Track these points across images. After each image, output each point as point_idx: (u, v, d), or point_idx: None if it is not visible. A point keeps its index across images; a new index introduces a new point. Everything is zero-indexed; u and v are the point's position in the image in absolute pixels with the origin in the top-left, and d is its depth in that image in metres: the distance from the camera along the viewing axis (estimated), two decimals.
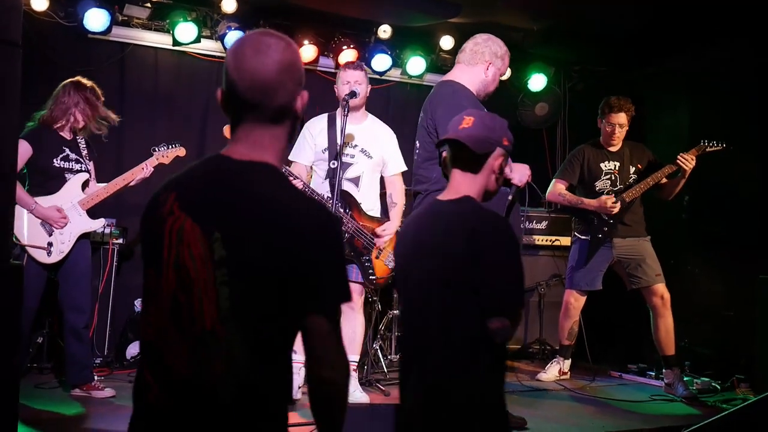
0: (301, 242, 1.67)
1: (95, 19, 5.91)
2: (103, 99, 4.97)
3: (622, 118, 5.71)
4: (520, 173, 3.58)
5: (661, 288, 5.57)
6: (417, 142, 4.35)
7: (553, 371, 6.03)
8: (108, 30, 6.04)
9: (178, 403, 1.69)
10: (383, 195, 5.20)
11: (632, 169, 5.78)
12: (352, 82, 4.84)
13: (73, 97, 4.80)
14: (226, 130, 4.63)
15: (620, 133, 5.74)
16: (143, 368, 1.78)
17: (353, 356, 4.83)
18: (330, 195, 4.68)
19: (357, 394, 4.79)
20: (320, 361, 1.72)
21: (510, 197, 3.52)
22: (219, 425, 1.67)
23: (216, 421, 1.67)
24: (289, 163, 4.97)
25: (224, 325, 1.66)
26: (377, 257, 4.93)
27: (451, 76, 4.40)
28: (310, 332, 1.72)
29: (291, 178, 4.23)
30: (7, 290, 2.64)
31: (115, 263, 5.82)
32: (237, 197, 1.70)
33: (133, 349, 5.77)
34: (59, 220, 4.71)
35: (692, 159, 5.48)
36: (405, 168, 5.21)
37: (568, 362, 6.09)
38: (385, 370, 5.76)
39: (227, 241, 1.66)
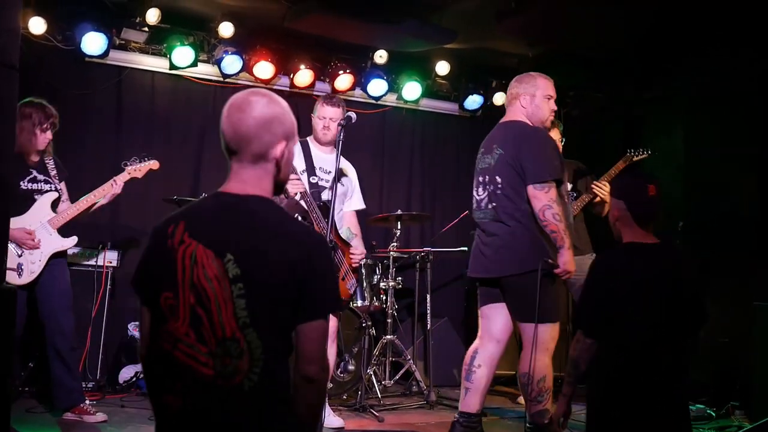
0: (307, 257, 2.03)
1: (93, 43, 5.94)
2: (56, 115, 4.81)
3: (556, 134, 5.43)
4: None
5: None
6: (498, 177, 4.34)
7: None
8: (105, 54, 6.07)
9: (203, 402, 1.97)
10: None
11: (569, 186, 5.37)
12: (327, 118, 4.83)
13: (20, 122, 4.62)
14: None
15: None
16: (161, 378, 2.04)
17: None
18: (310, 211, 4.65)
19: (330, 420, 4.75)
20: (310, 361, 2.04)
21: None
22: (243, 412, 1.97)
23: (241, 410, 1.96)
24: None
25: (243, 332, 1.98)
26: (342, 279, 4.89)
27: (511, 116, 4.50)
28: (304, 335, 2.04)
29: (294, 176, 4.41)
30: (1, 313, 2.62)
31: (108, 286, 5.80)
32: (242, 224, 2.05)
33: (126, 374, 5.73)
34: (28, 242, 4.66)
35: (605, 185, 5.35)
36: (363, 206, 5.24)
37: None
38: (379, 395, 5.73)
39: (239, 260, 1.99)
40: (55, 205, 4.86)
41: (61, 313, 4.79)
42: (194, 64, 6.34)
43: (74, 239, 4.90)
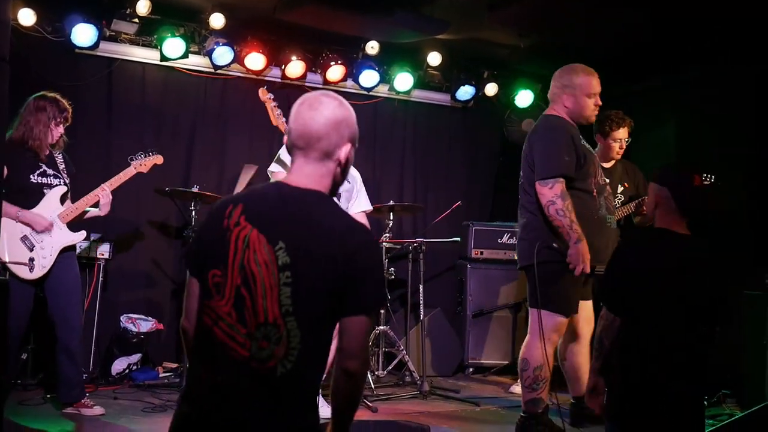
0: (351, 254, 2.08)
1: (83, 35, 5.92)
2: (70, 110, 4.86)
3: (624, 132, 5.46)
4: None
5: None
6: (521, 171, 4.50)
7: None
8: (95, 45, 6.04)
9: (234, 380, 2.02)
10: None
11: (620, 189, 5.58)
12: None
13: (36, 114, 4.72)
14: (262, 92, 4.84)
15: (622, 149, 5.50)
16: (198, 351, 2.12)
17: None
18: None
19: (325, 410, 4.73)
20: (351, 355, 2.10)
21: None
22: (272, 397, 2.02)
23: (270, 394, 2.02)
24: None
25: (284, 319, 2.03)
26: None
27: (548, 110, 4.64)
28: (348, 329, 2.10)
29: None
30: None
31: (100, 279, 5.79)
32: (297, 215, 2.12)
33: (118, 366, 5.73)
34: (46, 227, 4.66)
35: None
36: (371, 208, 5.23)
37: None
38: (372, 386, 5.74)
39: (290, 250, 2.05)
40: (63, 199, 4.87)
41: (70, 307, 4.80)
42: (185, 56, 6.32)
43: (83, 233, 4.91)
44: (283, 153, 4.96)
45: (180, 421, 2.11)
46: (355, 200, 5.15)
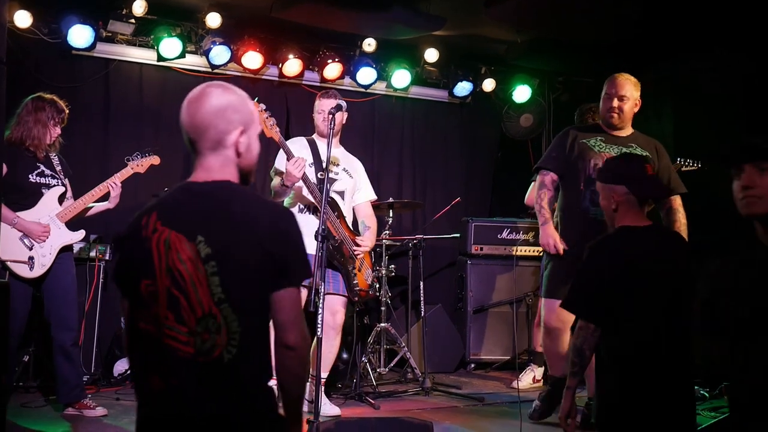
0: (269, 232, 2.10)
1: (79, 36, 5.91)
2: (67, 111, 4.88)
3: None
4: None
5: None
6: None
7: (528, 379, 6.10)
8: (92, 46, 6.04)
9: (185, 378, 2.04)
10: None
11: None
12: (325, 111, 4.88)
13: (34, 114, 4.74)
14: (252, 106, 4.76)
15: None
16: (143, 356, 2.12)
17: (324, 373, 4.85)
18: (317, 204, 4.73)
19: (327, 408, 4.78)
20: (287, 328, 2.12)
21: None
22: (224, 385, 2.04)
23: (221, 382, 2.04)
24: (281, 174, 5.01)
25: (219, 307, 2.04)
26: (359, 270, 4.99)
27: None
28: (280, 303, 2.12)
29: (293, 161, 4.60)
30: None
31: (101, 279, 5.79)
32: (210, 208, 2.13)
33: (120, 366, 5.73)
34: (41, 235, 4.67)
35: None
36: (375, 197, 5.33)
37: (541, 370, 6.14)
38: (374, 383, 5.75)
39: (210, 240, 2.06)
40: (61, 199, 4.87)
41: (67, 307, 4.81)
42: (182, 56, 6.31)
43: (82, 233, 4.92)
44: (279, 159, 4.97)
45: (142, 429, 2.13)
46: (359, 191, 5.21)
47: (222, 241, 2.07)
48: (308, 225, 4.84)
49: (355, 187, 5.17)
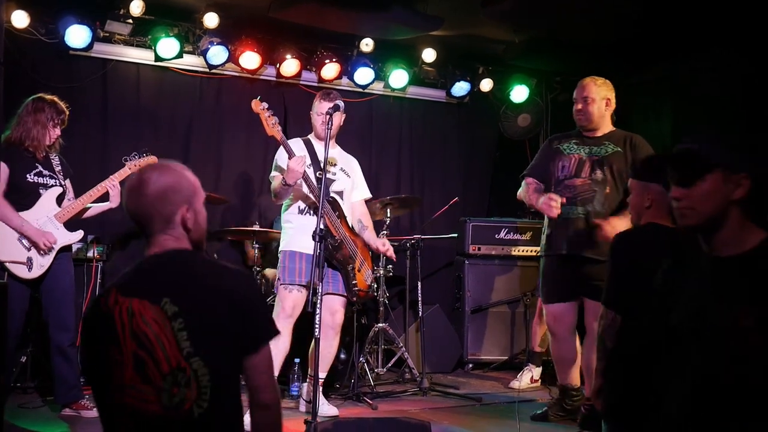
0: (235, 289, 2.12)
1: (76, 36, 5.90)
2: (67, 112, 4.88)
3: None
4: None
5: None
6: None
7: (525, 379, 6.11)
8: (89, 46, 6.03)
9: None
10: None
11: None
12: (324, 113, 4.88)
13: (33, 116, 4.74)
14: (255, 104, 4.77)
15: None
16: (116, 424, 2.09)
17: (322, 373, 4.85)
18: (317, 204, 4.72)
19: (324, 408, 4.78)
20: (265, 389, 2.13)
21: None
22: None
23: None
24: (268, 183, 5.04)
25: (188, 361, 2.04)
26: (359, 270, 4.99)
27: None
28: (253, 366, 2.12)
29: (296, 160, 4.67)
30: None
31: (98, 280, 5.78)
32: (172, 271, 2.15)
33: None
34: (43, 244, 4.65)
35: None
36: (370, 195, 5.38)
37: (539, 370, 6.15)
38: (372, 383, 5.74)
39: (176, 300, 2.06)
40: (60, 200, 4.86)
41: (65, 307, 4.80)
42: (179, 56, 6.30)
43: (80, 233, 4.91)
44: (279, 158, 4.97)
45: None
46: (355, 190, 5.21)
47: (188, 300, 2.07)
48: (309, 226, 4.84)
49: (352, 186, 5.18)
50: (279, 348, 4.80)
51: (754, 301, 2.05)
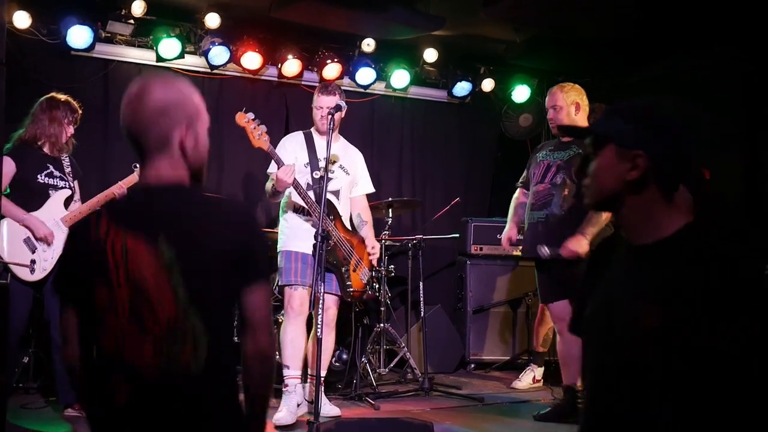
0: (232, 230, 1.98)
1: (78, 37, 5.91)
2: (80, 112, 4.94)
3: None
4: None
5: None
6: None
7: (527, 379, 6.11)
8: (91, 47, 6.04)
9: (152, 394, 1.90)
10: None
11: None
12: (324, 107, 4.87)
13: (48, 113, 4.77)
14: (239, 117, 4.77)
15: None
16: (107, 375, 1.93)
17: (323, 371, 4.85)
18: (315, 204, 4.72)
19: (326, 408, 4.78)
20: (262, 329, 1.99)
21: None
22: (194, 398, 1.91)
23: (191, 395, 1.91)
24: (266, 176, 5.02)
25: (186, 313, 1.90)
26: (354, 270, 4.98)
27: None
28: (252, 301, 1.98)
29: (284, 169, 4.62)
30: None
31: None
32: (168, 206, 1.99)
33: None
34: (42, 231, 4.66)
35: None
36: (373, 189, 5.36)
37: (541, 370, 6.15)
38: (374, 384, 5.74)
39: (172, 240, 1.91)
40: (68, 203, 4.87)
41: None
42: (181, 56, 6.31)
43: None
44: (271, 167, 4.97)
45: None
46: (357, 185, 5.20)
47: (185, 241, 1.93)
48: (302, 226, 4.85)
49: (352, 182, 5.15)
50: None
51: (658, 300, 1.73)
